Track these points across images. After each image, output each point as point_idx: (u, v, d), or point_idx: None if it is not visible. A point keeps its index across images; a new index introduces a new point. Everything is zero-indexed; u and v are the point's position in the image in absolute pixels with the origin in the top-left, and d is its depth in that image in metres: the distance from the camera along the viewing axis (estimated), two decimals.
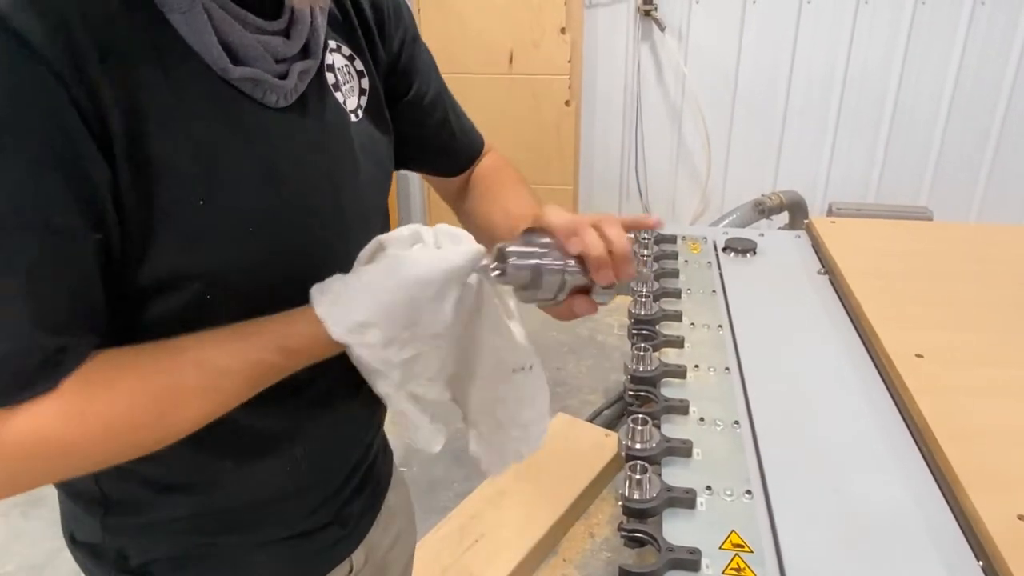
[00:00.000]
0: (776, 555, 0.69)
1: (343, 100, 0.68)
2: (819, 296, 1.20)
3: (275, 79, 0.59)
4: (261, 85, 0.58)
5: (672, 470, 0.79)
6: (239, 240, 0.58)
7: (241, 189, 0.58)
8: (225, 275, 0.59)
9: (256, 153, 0.59)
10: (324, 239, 0.65)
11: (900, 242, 1.36)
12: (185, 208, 0.55)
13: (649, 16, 3.03)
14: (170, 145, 0.53)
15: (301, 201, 0.62)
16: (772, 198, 2.84)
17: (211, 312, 0.59)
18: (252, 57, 0.58)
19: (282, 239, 0.61)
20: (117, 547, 0.70)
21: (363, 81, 0.71)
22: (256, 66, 0.58)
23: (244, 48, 0.57)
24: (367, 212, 0.70)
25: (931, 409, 0.85)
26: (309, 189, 0.63)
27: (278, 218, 0.60)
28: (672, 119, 3.23)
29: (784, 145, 3.16)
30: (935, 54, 2.89)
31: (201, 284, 0.58)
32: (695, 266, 1.30)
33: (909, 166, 3.08)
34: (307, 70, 0.63)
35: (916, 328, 1.03)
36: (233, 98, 0.57)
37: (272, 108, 0.60)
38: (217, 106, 0.57)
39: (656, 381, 0.93)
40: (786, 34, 2.97)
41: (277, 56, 0.60)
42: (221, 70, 0.56)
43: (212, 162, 0.56)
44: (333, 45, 0.68)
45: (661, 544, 0.68)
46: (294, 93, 0.62)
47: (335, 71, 0.67)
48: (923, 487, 0.78)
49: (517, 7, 2.99)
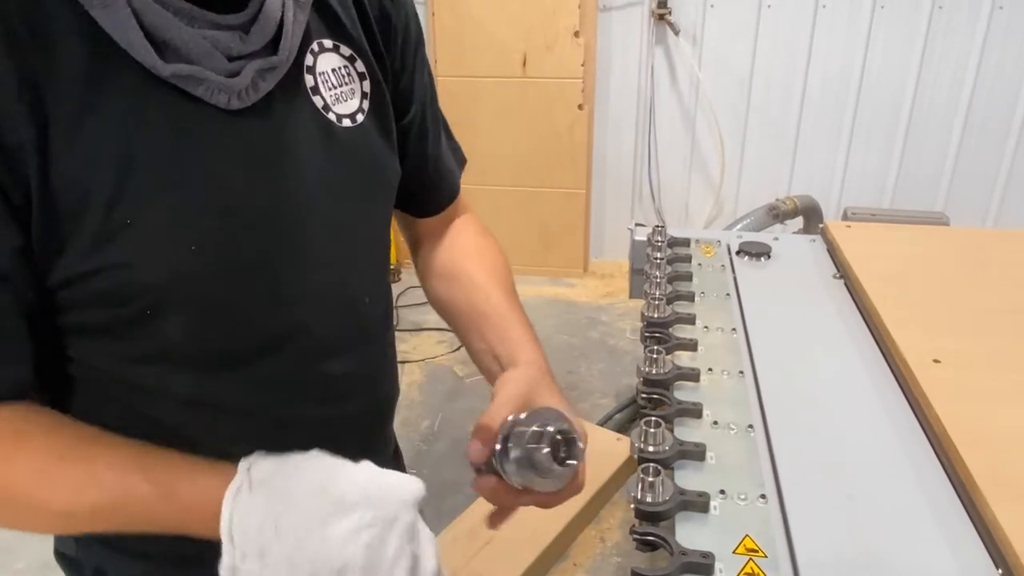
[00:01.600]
0: (791, 560, 0.68)
1: (325, 104, 0.63)
2: (834, 300, 1.19)
3: (221, 77, 0.54)
4: (205, 84, 0.54)
5: (685, 474, 0.79)
6: (173, 250, 0.54)
7: (174, 199, 0.54)
8: (164, 290, 0.55)
9: (196, 158, 0.54)
10: (282, 254, 0.60)
11: (917, 247, 1.35)
12: (98, 216, 0.51)
13: (663, 20, 3.02)
14: (86, 149, 0.50)
15: (252, 212, 0.57)
16: (786, 202, 2.82)
17: (157, 330, 0.56)
18: (196, 54, 0.53)
19: (230, 252, 0.57)
20: (94, 565, 0.69)
21: (365, 84, 0.66)
22: (202, 64, 0.53)
23: (183, 44, 0.53)
24: (349, 225, 0.65)
25: (948, 414, 0.84)
26: (266, 198, 0.58)
27: (223, 229, 0.56)
28: (686, 123, 3.22)
29: (799, 149, 3.15)
30: (952, 59, 2.86)
31: (137, 300, 0.54)
32: (709, 270, 1.29)
33: (925, 171, 3.05)
34: (270, 68, 0.57)
35: (933, 333, 1.01)
36: (172, 100, 0.53)
37: (224, 110, 0.55)
38: (148, 108, 0.52)
39: (669, 384, 0.93)
40: (801, 38, 2.96)
41: (230, 53, 0.55)
42: (150, 67, 0.52)
43: (132, 172, 0.52)
44: (328, 44, 0.64)
45: (674, 548, 0.68)
46: (252, 93, 0.56)
47: (316, 73, 0.62)
48: (940, 493, 0.77)
49: (531, 11, 2.99)
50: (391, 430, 0.82)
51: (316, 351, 0.65)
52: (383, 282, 0.75)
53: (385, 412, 0.78)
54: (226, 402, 0.62)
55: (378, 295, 0.73)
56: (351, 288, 0.67)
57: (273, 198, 0.59)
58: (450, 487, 2.09)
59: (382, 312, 0.75)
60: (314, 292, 0.63)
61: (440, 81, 3.16)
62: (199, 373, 0.60)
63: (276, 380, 0.63)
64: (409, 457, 2.20)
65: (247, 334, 0.61)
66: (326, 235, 0.63)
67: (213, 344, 0.60)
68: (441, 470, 2.16)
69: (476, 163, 3.57)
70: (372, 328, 0.72)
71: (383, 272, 0.74)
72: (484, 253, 0.80)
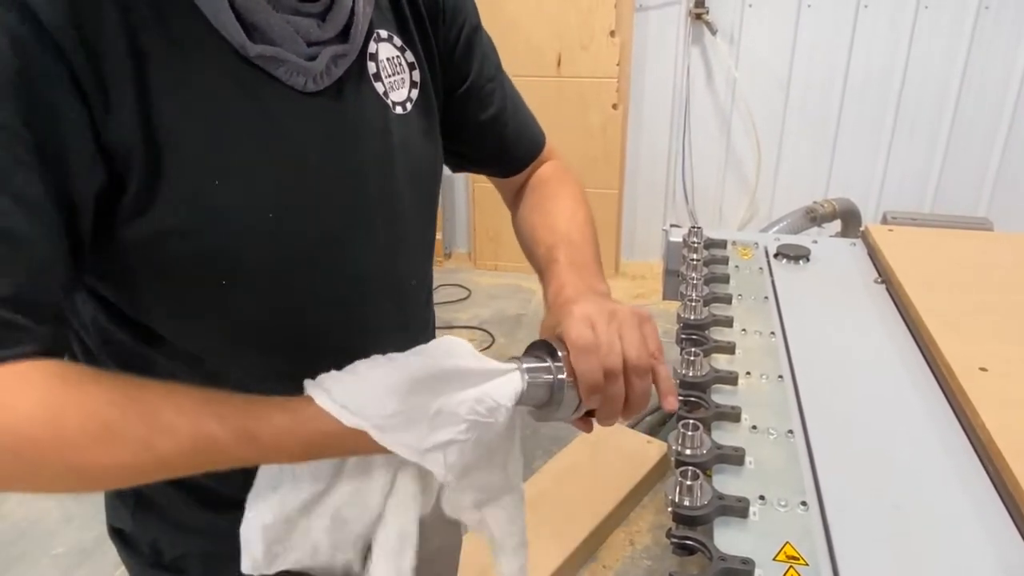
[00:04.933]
0: (832, 570, 0.67)
1: (385, 91, 0.66)
2: (876, 305, 1.16)
3: (301, 60, 0.58)
4: (286, 66, 0.57)
5: (724, 478, 0.78)
6: (252, 216, 0.57)
7: (257, 170, 0.57)
8: (239, 255, 0.58)
9: (276, 134, 0.58)
10: (345, 230, 0.63)
11: (961, 251, 1.31)
12: (186, 172, 0.54)
13: (700, 19, 2.99)
14: (180, 118, 0.53)
15: (325, 187, 0.61)
16: (824, 205, 2.77)
17: (230, 301, 0.59)
18: (279, 37, 0.57)
19: (301, 225, 0.60)
20: (150, 540, 0.70)
21: (414, 74, 0.69)
22: (284, 47, 0.57)
23: (270, 27, 0.56)
24: (400, 208, 0.68)
25: (996, 423, 0.82)
26: (334, 176, 0.62)
27: (296, 203, 0.59)
28: (721, 124, 3.19)
29: (837, 152, 3.09)
30: (997, 60, 2.79)
31: (214, 269, 0.57)
32: (746, 272, 1.27)
33: (968, 175, 2.99)
34: (342, 55, 0.61)
35: (979, 340, 0.99)
36: (255, 78, 0.57)
37: (300, 91, 0.59)
38: (235, 84, 0.56)
39: (707, 387, 0.91)
40: (842, 37, 2.91)
41: (309, 39, 0.59)
42: (239, 46, 0.55)
43: (222, 138, 0.55)
44: (384, 35, 0.67)
45: (712, 552, 0.67)
46: (326, 77, 0.60)
47: (378, 61, 0.66)
48: (987, 504, 0.75)
49: (566, 10, 2.98)
50: None
51: (363, 330, 0.67)
52: (428, 267, 0.78)
53: None
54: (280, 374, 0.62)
55: (423, 278, 0.76)
56: (400, 269, 0.70)
57: (341, 176, 0.62)
58: None
59: (425, 297, 0.78)
60: (370, 271, 0.66)
61: None
62: (247, 343, 0.63)
63: (324, 357, 0.62)
64: None
65: (308, 309, 0.63)
66: (384, 215, 0.66)
67: (278, 319, 0.62)
68: None
69: None
70: (415, 311, 0.75)
71: (428, 257, 0.77)
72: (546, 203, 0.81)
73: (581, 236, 0.75)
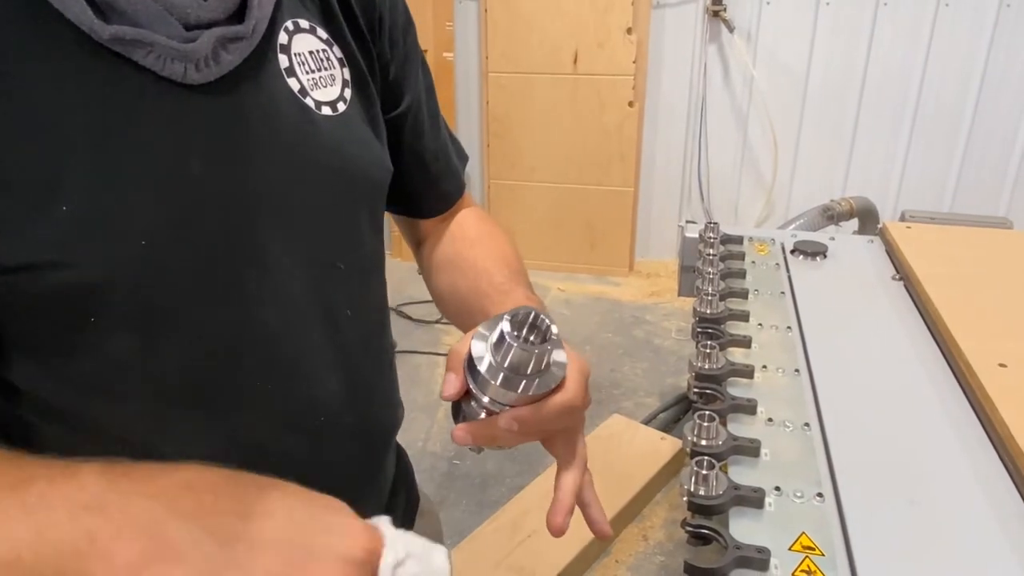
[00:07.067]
0: (848, 561, 0.67)
1: (302, 88, 0.56)
2: (893, 302, 1.16)
3: (173, 42, 0.47)
4: (155, 50, 0.46)
5: (739, 470, 0.78)
6: (119, 244, 0.47)
7: (116, 186, 0.46)
8: (110, 291, 0.47)
9: (144, 135, 0.47)
10: (244, 249, 0.52)
11: (980, 249, 1.31)
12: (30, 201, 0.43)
13: (718, 16, 2.98)
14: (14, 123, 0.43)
15: (211, 203, 0.50)
16: (841, 203, 2.75)
17: (104, 342, 0.48)
18: (143, 17, 0.46)
19: (181, 251, 0.49)
20: None
21: (344, 71, 0.60)
22: (152, 29, 0.46)
23: (129, 4, 0.45)
24: (324, 222, 0.58)
25: (1015, 420, 0.81)
26: (225, 186, 0.51)
27: (175, 221, 0.49)
28: (738, 122, 3.18)
29: (855, 150, 3.07)
30: (1018, 58, 2.77)
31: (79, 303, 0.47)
32: (763, 268, 1.27)
33: (987, 175, 2.96)
34: (234, 38, 0.50)
35: (999, 337, 0.98)
36: (117, 70, 0.46)
37: (180, 83, 0.48)
38: (89, 78, 0.45)
39: (722, 379, 0.92)
40: (861, 35, 2.89)
41: (187, 20, 0.48)
42: (88, 29, 0.44)
43: (68, 143, 0.45)
44: (304, 25, 0.57)
45: (728, 542, 0.67)
46: (213, 65, 0.49)
47: (291, 54, 0.56)
48: (1006, 499, 0.75)
49: (583, 7, 2.98)
50: (390, 463, 0.74)
51: (286, 368, 0.57)
52: (372, 294, 0.66)
53: (378, 445, 0.69)
54: (186, 434, 0.54)
55: (364, 308, 0.64)
56: (327, 297, 0.59)
57: (236, 187, 0.51)
58: (492, 479, 2.10)
59: (370, 328, 0.66)
60: (282, 298, 0.55)
61: (491, 77, 3.17)
62: (153, 399, 0.52)
63: (242, 402, 0.55)
64: (453, 449, 2.21)
65: (206, 344, 0.52)
66: (297, 234, 0.56)
67: (168, 360, 0.51)
68: (483, 462, 2.17)
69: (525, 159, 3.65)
70: (355, 346, 0.62)
71: (371, 282, 0.66)
72: (486, 240, 0.74)
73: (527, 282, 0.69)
